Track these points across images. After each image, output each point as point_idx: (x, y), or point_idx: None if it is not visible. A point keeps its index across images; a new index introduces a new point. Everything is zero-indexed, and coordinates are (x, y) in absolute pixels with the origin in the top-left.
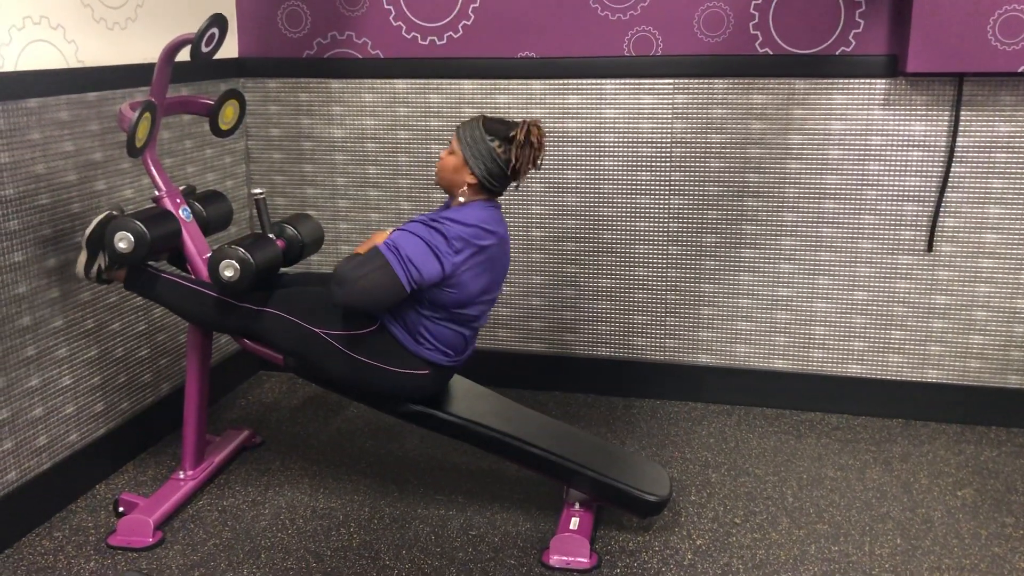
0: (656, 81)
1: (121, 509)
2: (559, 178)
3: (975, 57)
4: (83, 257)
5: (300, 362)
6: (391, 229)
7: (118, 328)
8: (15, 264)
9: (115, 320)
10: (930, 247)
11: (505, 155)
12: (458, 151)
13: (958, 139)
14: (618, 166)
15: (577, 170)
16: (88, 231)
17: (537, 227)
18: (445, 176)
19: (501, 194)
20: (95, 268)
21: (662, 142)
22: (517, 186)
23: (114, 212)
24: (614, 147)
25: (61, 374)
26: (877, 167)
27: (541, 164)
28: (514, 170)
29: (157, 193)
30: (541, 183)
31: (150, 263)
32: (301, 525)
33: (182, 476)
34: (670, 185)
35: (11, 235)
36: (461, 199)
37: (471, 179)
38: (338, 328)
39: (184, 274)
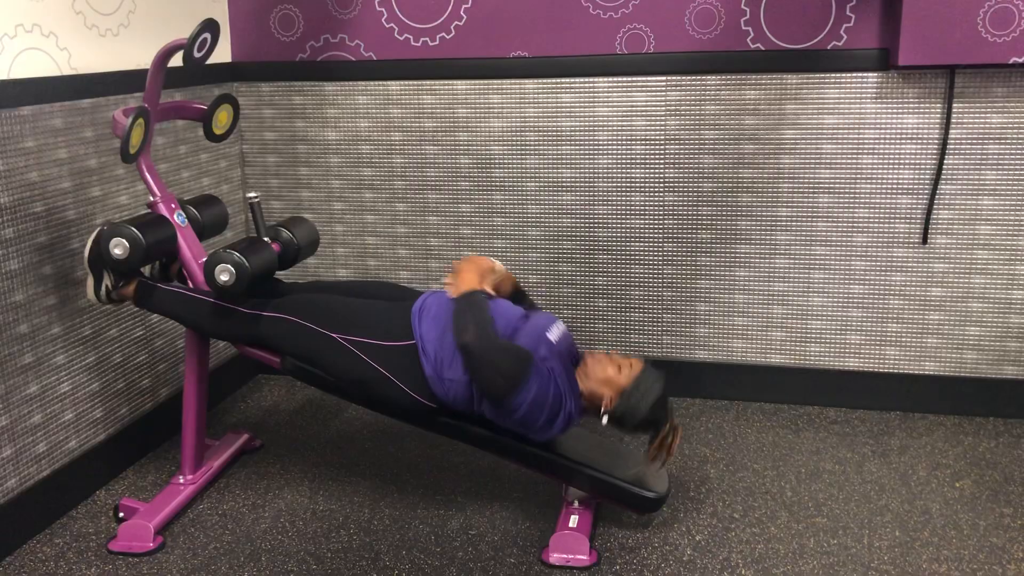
0: (648, 78)
1: (121, 515)
2: (553, 177)
3: (966, 49)
4: (90, 281)
5: (300, 364)
6: (492, 260)
7: (116, 334)
8: (11, 272)
9: (113, 326)
10: (925, 240)
11: (636, 428)
12: (625, 382)
13: (951, 131)
14: (612, 164)
15: (571, 168)
16: (86, 253)
17: (532, 226)
18: (600, 376)
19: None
20: (103, 288)
21: (655, 139)
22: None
23: (104, 227)
24: (608, 145)
25: (60, 381)
26: (870, 160)
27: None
28: (620, 426)
29: (152, 199)
30: (535, 182)
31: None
32: (301, 527)
33: (182, 481)
34: (664, 182)
35: (6, 243)
36: (587, 392)
37: (608, 406)
38: (359, 335)
39: (185, 285)
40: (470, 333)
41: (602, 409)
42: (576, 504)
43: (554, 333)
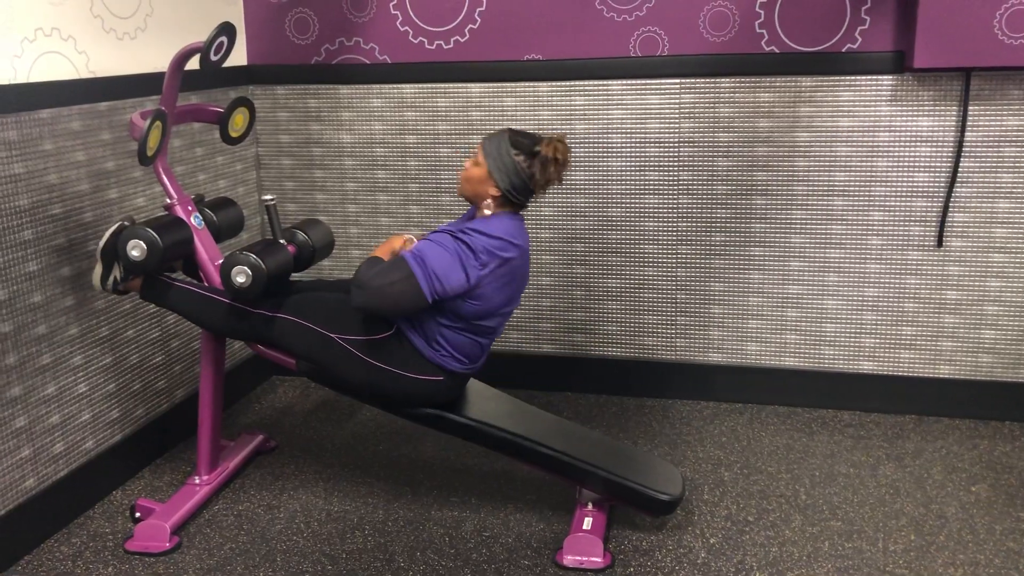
0: (663, 81)
1: (138, 515)
2: (568, 180)
3: (982, 52)
4: (98, 269)
5: (314, 367)
6: (408, 235)
7: (132, 335)
8: (30, 273)
9: (129, 327)
10: (940, 242)
11: (529, 169)
12: (483, 163)
13: (966, 134)
14: (626, 166)
15: (585, 171)
16: (102, 243)
17: (546, 229)
18: (469, 187)
19: (525, 207)
20: (111, 279)
21: (669, 142)
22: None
23: (126, 223)
24: (621, 148)
25: (77, 381)
26: (885, 163)
27: (563, 179)
28: (537, 184)
29: (169, 201)
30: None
31: (166, 274)
32: (316, 528)
33: (197, 481)
34: (678, 185)
35: (25, 244)
36: (486, 211)
37: (495, 192)
38: (354, 333)
39: (197, 282)
40: (352, 293)
41: (493, 197)
42: (590, 506)
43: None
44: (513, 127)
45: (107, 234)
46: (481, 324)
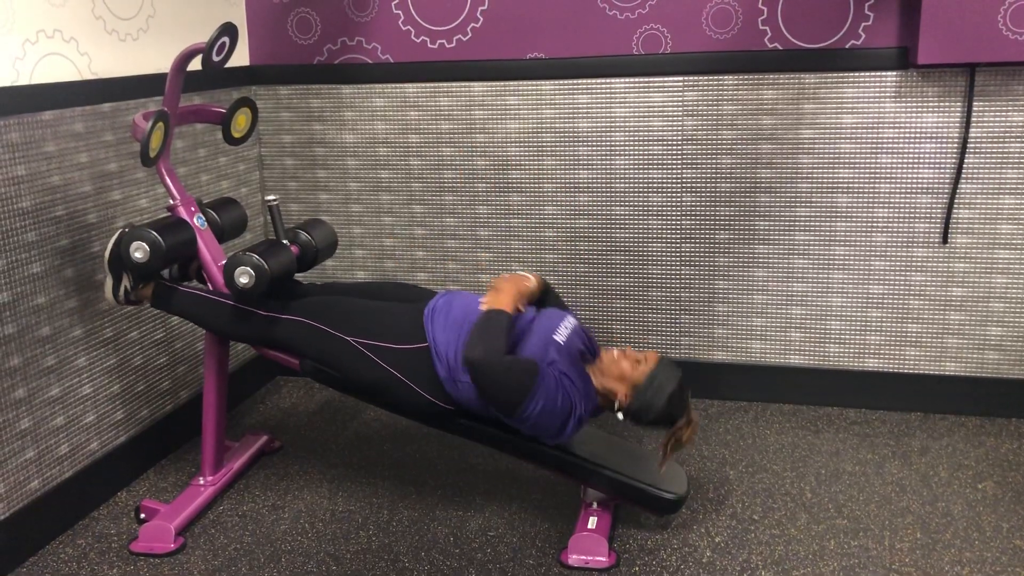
0: (666, 79)
1: (143, 516)
2: (571, 178)
3: (986, 47)
4: (108, 282)
5: (319, 367)
6: (528, 275)
7: (136, 337)
8: (34, 275)
9: (133, 329)
10: (945, 239)
11: (653, 421)
12: (641, 380)
13: (971, 130)
14: (629, 165)
15: (588, 170)
16: (107, 255)
17: (549, 227)
18: (615, 372)
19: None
20: (122, 289)
21: (673, 140)
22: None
23: (125, 229)
24: (625, 146)
25: (81, 383)
26: (890, 160)
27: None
28: (640, 422)
29: (171, 202)
30: (553, 183)
31: (184, 284)
32: (321, 528)
33: (202, 482)
34: (682, 183)
35: (29, 246)
36: (602, 389)
37: (624, 400)
38: (372, 338)
39: (204, 287)
40: (477, 350)
41: (616, 405)
42: (595, 505)
43: (561, 333)
44: (682, 381)
45: (110, 244)
46: None
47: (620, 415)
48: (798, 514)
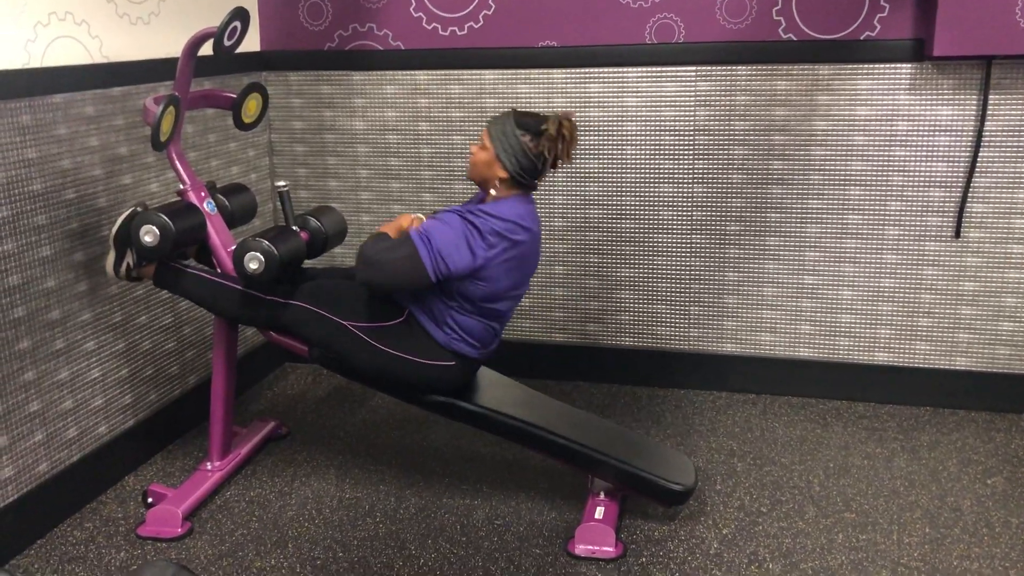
0: (678, 68)
1: (150, 500)
2: (581, 167)
3: (1003, 40)
4: (111, 256)
5: (326, 353)
6: (417, 215)
7: (145, 321)
8: (44, 258)
9: (142, 313)
10: (958, 233)
11: (536, 149)
12: (489, 146)
13: (986, 123)
14: (640, 154)
15: (599, 159)
16: (114, 229)
17: (559, 217)
18: (477, 171)
19: (535, 189)
20: (124, 266)
21: (685, 130)
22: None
23: (138, 208)
24: (636, 135)
25: (90, 367)
26: (903, 153)
27: (573, 158)
28: (544, 163)
29: (182, 187)
30: (563, 172)
31: (180, 262)
32: (328, 515)
33: (209, 467)
34: (693, 173)
35: (39, 229)
36: (494, 193)
37: (503, 174)
38: (365, 320)
39: (210, 269)
40: (358, 263)
41: (505, 177)
42: (602, 495)
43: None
44: (518, 108)
45: (119, 220)
46: (490, 307)
47: (514, 178)
48: (806, 507)
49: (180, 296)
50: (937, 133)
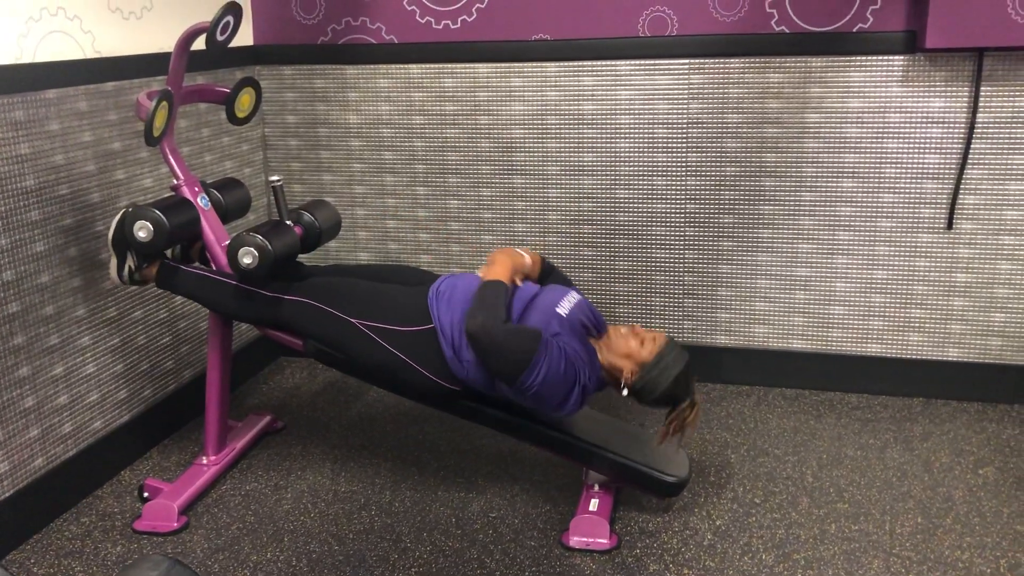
0: (671, 61)
1: (146, 494)
2: (575, 160)
3: (995, 32)
4: (113, 262)
5: (322, 348)
6: (524, 255)
7: (140, 316)
8: (37, 254)
9: (137, 308)
10: (950, 225)
11: (655, 402)
12: (649, 358)
13: (978, 115)
14: (634, 147)
15: (593, 152)
16: (111, 235)
17: (553, 210)
18: (622, 349)
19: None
20: (126, 269)
21: (678, 123)
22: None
23: (129, 209)
24: (630, 128)
25: (85, 362)
26: (896, 145)
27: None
28: (642, 400)
29: (175, 182)
30: (557, 166)
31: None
32: (323, 508)
33: (205, 461)
34: (686, 166)
35: (32, 225)
36: (622, 386)
37: (629, 379)
38: (377, 320)
39: (209, 268)
40: (477, 320)
41: (622, 383)
42: (596, 488)
43: (565, 306)
44: (689, 364)
45: (113, 224)
46: None
47: (624, 392)
48: (799, 498)
49: (184, 296)
50: (929, 125)
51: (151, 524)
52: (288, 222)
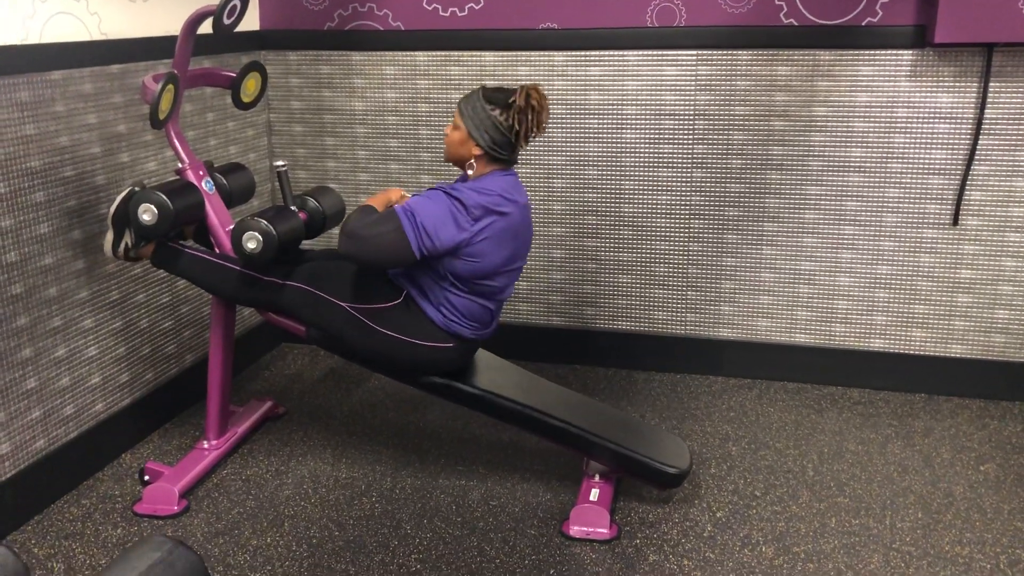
0: (679, 52)
1: (147, 478)
2: (580, 151)
3: (1005, 27)
4: (110, 236)
5: (324, 335)
6: (403, 191)
7: (143, 300)
8: (41, 236)
9: (140, 292)
10: (956, 221)
11: (507, 122)
12: (461, 125)
13: (986, 111)
14: (640, 138)
15: (598, 143)
16: (112, 209)
17: (558, 200)
18: (452, 151)
19: (514, 162)
20: (122, 246)
21: (685, 114)
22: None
23: (136, 188)
24: (636, 119)
25: (87, 345)
26: (903, 140)
27: (545, 127)
28: (517, 135)
29: (180, 165)
30: (562, 156)
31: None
32: (324, 494)
33: (206, 446)
34: (692, 158)
35: (37, 207)
36: (471, 172)
37: (477, 151)
38: (364, 302)
39: (209, 249)
40: (341, 239)
41: (473, 157)
42: (597, 478)
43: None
44: (487, 83)
45: (118, 200)
46: (486, 284)
47: (489, 153)
48: (800, 491)
49: (178, 276)
50: (937, 120)
51: (151, 507)
52: (293, 207)
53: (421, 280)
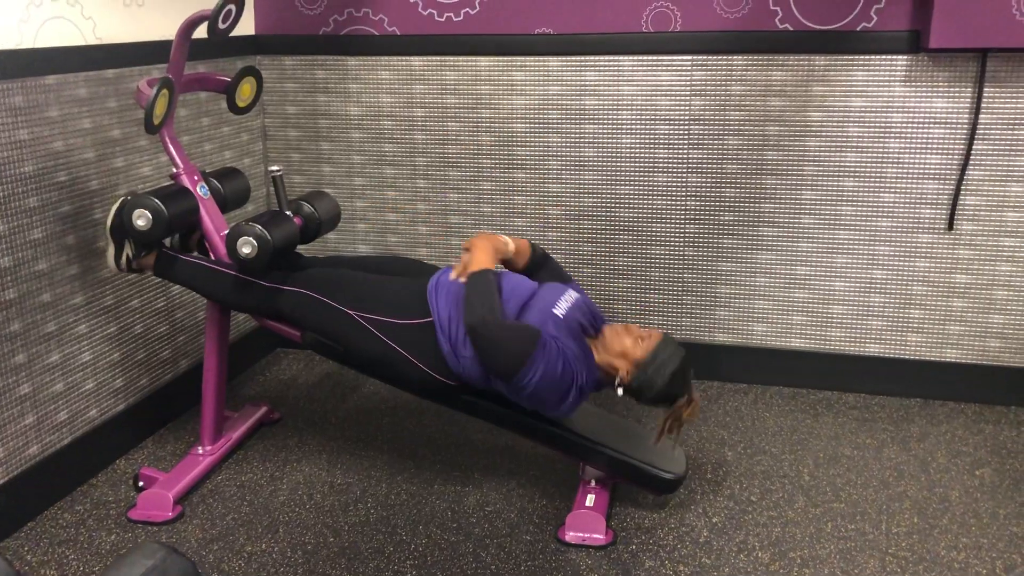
0: (674, 57)
1: (141, 483)
2: (576, 156)
3: (999, 32)
4: (111, 249)
5: (323, 340)
6: (500, 237)
7: (137, 305)
8: (35, 241)
9: (134, 297)
10: (951, 226)
11: (652, 401)
12: (644, 357)
13: (980, 116)
14: (635, 144)
15: (594, 148)
16: (108, 222)
17: (553, 205)
18: (616, 348)
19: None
20: (124, 257)
21: (680, 119)
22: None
23: (128, 198)
24: (631, 124)
25: (81, 350)
26: (898, 145)
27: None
28: (641, 400)
29: (175, 170)
30: (557, 161)
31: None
32: (319, 500)
33: (201, 451)
34: (688, 163)
35: (31, 212)
36: (616, 386)
37: (626, 378)
38: (373, 312)
39: (207, 257)
40: (476, 315)
41: (617, 381)
42: (593, 483)
43: (562, 307)
44: (685, 360)
45: (111, 212)
46: None
47: (620, 391)
48: (796, 497)
49: (182, 286)
50: (932, 125)
51: (146, 513)
52: (288, 212)
53: (455, 325)
